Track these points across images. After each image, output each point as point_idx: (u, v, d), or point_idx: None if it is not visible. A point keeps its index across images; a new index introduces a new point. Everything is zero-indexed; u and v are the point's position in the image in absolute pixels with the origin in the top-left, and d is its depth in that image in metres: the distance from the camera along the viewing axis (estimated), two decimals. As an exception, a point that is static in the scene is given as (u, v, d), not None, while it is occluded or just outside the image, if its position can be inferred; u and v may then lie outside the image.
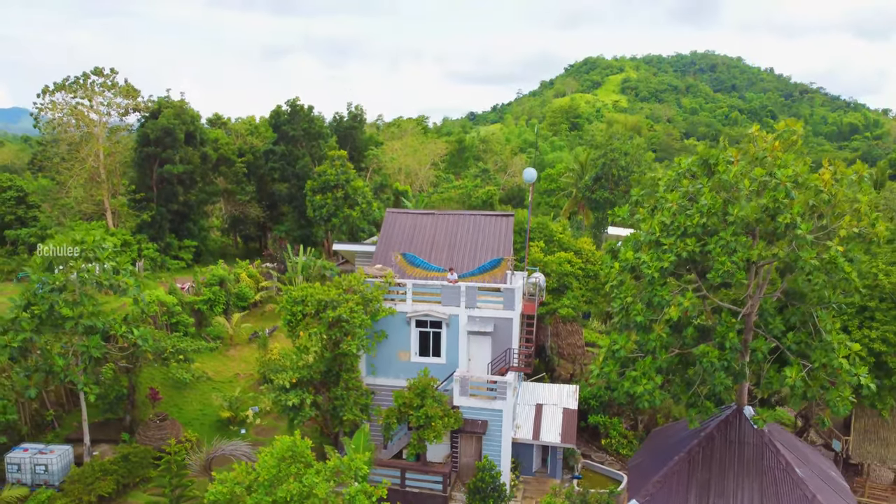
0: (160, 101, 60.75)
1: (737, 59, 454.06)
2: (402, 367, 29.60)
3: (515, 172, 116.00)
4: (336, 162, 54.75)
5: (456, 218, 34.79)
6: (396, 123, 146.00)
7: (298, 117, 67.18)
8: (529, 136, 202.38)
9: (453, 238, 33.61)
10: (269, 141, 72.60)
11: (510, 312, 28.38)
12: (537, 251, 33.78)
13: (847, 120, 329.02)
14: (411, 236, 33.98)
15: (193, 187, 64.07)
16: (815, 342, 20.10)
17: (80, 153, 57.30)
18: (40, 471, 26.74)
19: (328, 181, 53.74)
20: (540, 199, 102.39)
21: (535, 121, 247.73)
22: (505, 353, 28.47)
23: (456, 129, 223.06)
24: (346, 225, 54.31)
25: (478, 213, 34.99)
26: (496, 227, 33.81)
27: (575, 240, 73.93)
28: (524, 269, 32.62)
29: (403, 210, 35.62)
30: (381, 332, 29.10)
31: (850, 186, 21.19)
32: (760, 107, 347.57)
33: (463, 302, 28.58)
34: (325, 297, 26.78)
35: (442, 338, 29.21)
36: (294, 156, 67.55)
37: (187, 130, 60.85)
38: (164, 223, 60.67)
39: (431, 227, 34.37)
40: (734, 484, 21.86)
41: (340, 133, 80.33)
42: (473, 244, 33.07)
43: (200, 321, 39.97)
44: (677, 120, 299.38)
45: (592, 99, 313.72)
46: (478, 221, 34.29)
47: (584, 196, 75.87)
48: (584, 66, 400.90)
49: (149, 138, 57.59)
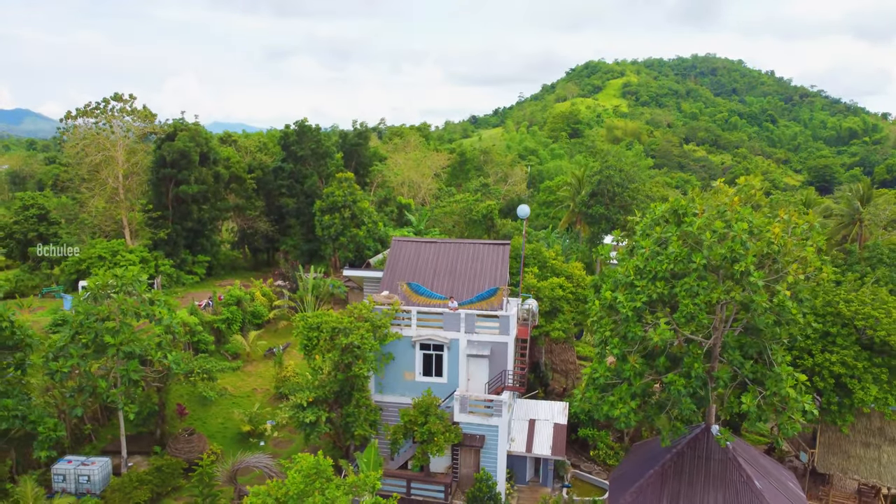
0: (175, 124, 63.91)
1: (737, 63, 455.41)
2: (407, 386, 32.63)
3: (516, 182, 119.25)
4: (343, 184, 57.84)
5: (456, 247, 37.80)
6: (399, 132, 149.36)
7: (306, 137, 70.32)
8: (530, 142, 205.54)
9: (453, 266, 36.61)
10: (278, 158, 75.79)
11: (505, 337, 31.39)
12: (531, 277, 36.80)
13: (846, 124, 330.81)
14: (415, 264, 37.00)
15: (206, 205, 67.20)
16: (769, 372, 23.10)
17: (101, 175, 60.45)
18: (83, 481, 29.79)
19: (336, 202, 56.83)
20: (539, 211, 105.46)
21: (536, 127, 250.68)
22: (501, 374, 31.49)
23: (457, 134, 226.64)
24: (353, 243, 57.39)
25: (476, 242, 38.00)
26: (493, 255, 36.81)
27: (569, 259, 77.24)
28: (519, 294, 35.67)
29: (408, 238, 38.69)
30: (389, 354, 32.13)
31: (803, 234, 24.13)
32: (760, 111, 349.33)
33: (463, 327, 31.58)
34: (338, 325, 29.82)
35: (444, 359, 32.22)
36: (302, 174, 70.69)
37: (201, 152, 63.99)
38: (179, 240, 63.80)
39: (434, 256, 37.38)
40: (701, 495, 24.86)
41: (346, 149, 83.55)
42: (472, 272, 36.07)
43: (220, 339, 43.04)
44: (677, 125, 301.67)
45: (593, 104, 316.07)
46: (477, 250, 37.29)
47: (581, 211, 78.86)
48: (585, 70, 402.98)
49: (165, 160, 60.73)
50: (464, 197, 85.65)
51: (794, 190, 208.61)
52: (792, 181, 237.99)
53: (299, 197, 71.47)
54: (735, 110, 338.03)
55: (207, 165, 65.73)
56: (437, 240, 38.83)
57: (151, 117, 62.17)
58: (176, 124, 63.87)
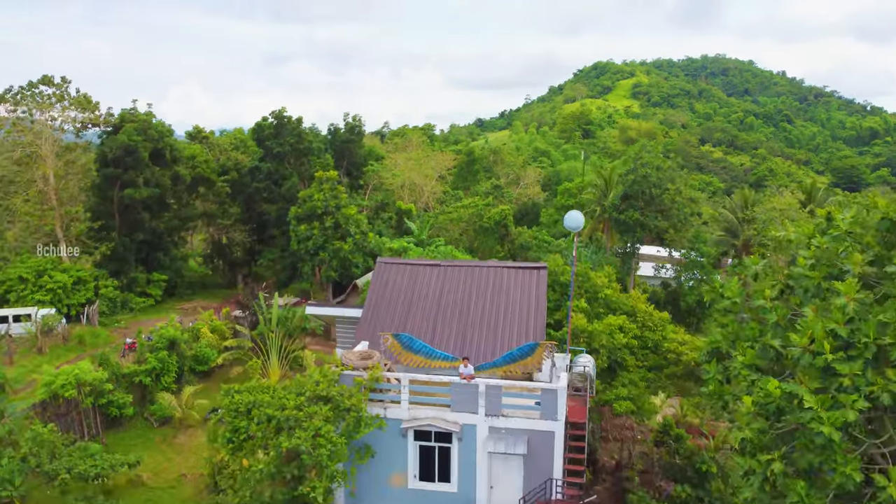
0: (122, 115, 52.48)
1: (748, 63, 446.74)
2: (395, 497, 20.86)
3: (529, 184, 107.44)
4: (325, 185, 46.20)
5: (469, 272, 26.04)
6: (401, 133, 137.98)
7: (285, 131, 58.79)
8: (540, 143, 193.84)
9: (466, 301, 24.87)
10: (257, 157, 64.38)
11: (551, 424, 19.60)
12: (581, 318, 25.00)
13: (866, 124, 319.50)
14: (409, 299, 25.27)
15: (164, 212, 55.74)
16: None
17: (26, 175, 49.08)
18: None
19: (315, 208, 45.20)
20: (557, 217, 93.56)
21: (546, 128, 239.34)
22: (545, 484, 19.65)
23: (463, 137, 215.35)
24: (337, 259, 45.73)
25: (498, 265, 26.26)
26: (524, 285, 25.08)
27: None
28: (566, 347, 23.84)
29: (398, 261, 26.95)
30: (367, 448, 20.36)
31: None
32: (775, 111, 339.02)
33: (482, 407, 19.84)
34: (277, 413, 18.08)
35: (452, 456, 20.47)
36: (281, 175, 59.16)
37: (154, 148, 52.53)
38: (127, 255, 52.31)
39: (436, 286, 25.65)
40: None
41: (336, 147, 72.04)
42: (494, 312, 24.33)
43: (144, 396, 31.41)
44: (691, 125, 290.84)
45: (603, 104, 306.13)
46: (499, 277, 25.55)
47: (611, 216, 67.00)
48: (594, 71, 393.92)
49: (107, 158, 49.30)
50: (473, 201, 73.97)
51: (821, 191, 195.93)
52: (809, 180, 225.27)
53: (278, 202, 59.99)
54: (750, 110, 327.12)
55: (163, 164, 54.24)
56: (440, 262, 27.05)
57: (91, 106, 50.74)
58: (123, 115, 52.42)
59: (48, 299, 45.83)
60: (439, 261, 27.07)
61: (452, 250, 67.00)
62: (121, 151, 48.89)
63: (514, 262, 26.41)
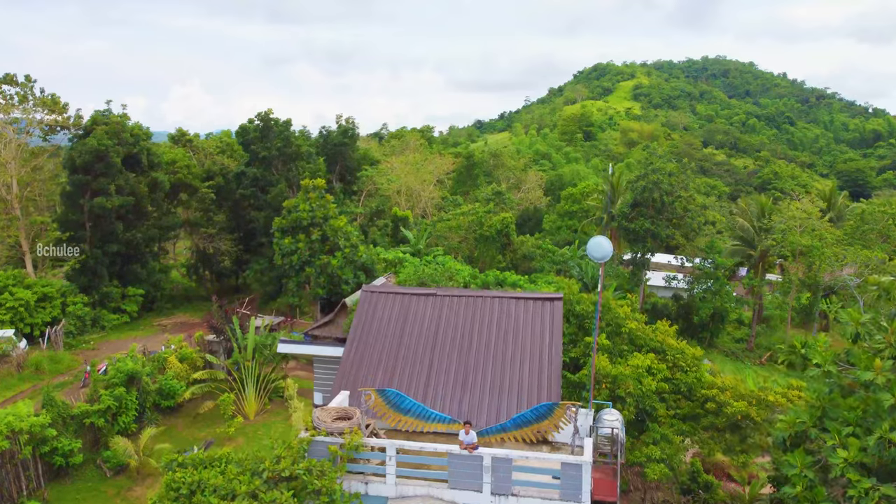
0: (94, 117, 48.46)
1: (748, 65, 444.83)
2: (379, 591, 16.85)
3: (530, 188, 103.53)
4: (311, 194, 42.21)
5: (471, 302, 22.06)
6: (399, 135, 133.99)
7: (272, 134, 54.79)
8: (541, 146, 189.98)
9: (467, 339, 20.91)
10: (244, 161, 60.42)
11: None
12: (603, 359, 20.99)
13: (870, 126, 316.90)
14: (399, 336, 21.32)
15: (141, 222, 51.76)
16: None
17: (-13, 184, 45.14)
18: None
19: (300, 219, 41.20)
20: (560, 223, 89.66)
21: (547, 129, 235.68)
22: (565, 584, 15.65)
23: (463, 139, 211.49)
24: (324, 276, 41.73)
25: (506, 294, 22.27)
26: (536, 319, 21.13)
27: (606, 287, 61.31)
28: (588, 398, 19.83)
29: (386, 288, 22.99)
30: (342, 531, 16.33)
31: None
32: (777, 113, 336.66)
33: (487, 484, 15.86)
34: (226, 490, 14.08)
35: (450, 543, 16.46)
36: (267, 181, 55.18)
37: (129, 152, 48.57)
38: (99, 268, 48.30)
39: (432, 319, 21.69)
40: None
41: (329, 151, 68.09)
42: (501, 352, 20.40)
43: (97, 440, 27.38)
44: (693, 127, 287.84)
45: (604, 106, 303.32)
46: (506, 309, 21.60)
47: (619, 225, 63.03)
48: (594, 73, 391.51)
49: (75, 164, 45.30)
50: (473, 208, 70.02)
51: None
52: (820, 186, 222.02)
53: (266, 210, 56.03)
54: (751, 112, 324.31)
55: (139, 170, 50.28)
56: (436, 290, 23.06)
57: (59, 107, 46.77)
58: (95, 117, 48.40)
59: (8, 319, 41.86)
60: (435, 288, 23.04)
61: (451, 260, 63.08)
62: (90, 157, 44.89)
63: (525, 293, 22.40)
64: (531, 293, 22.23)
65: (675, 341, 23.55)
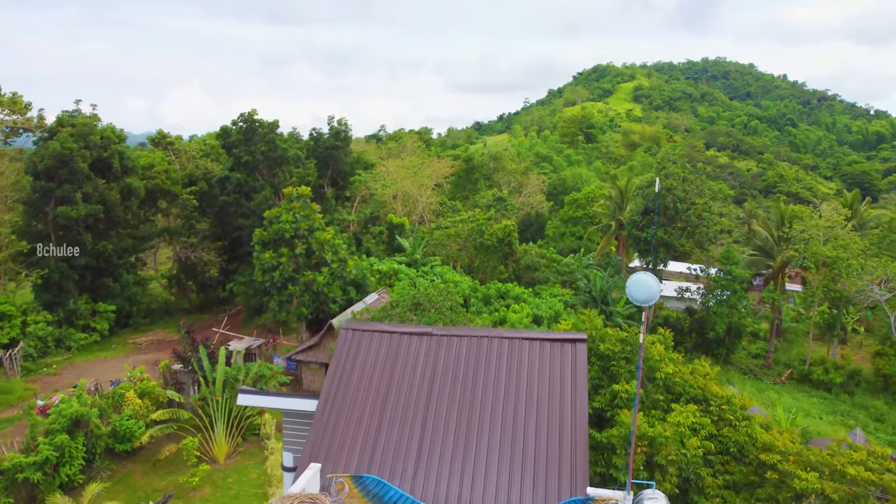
0: (60, 118, 44.39)
1: (749, 66, 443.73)
2: None
3: (532, 192, 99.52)
4: (295, 203, 38.13)
5: (475, 344, 18.02)
6: (396, 137, 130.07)
7: (256, 137, 50.72)
8: (541, 148, 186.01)
9: (470, 394, 16.85)
10: (228, 165, 56.38)
11: None
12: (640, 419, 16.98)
13: (873, 128, 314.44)
14: (385, 387, 17.24)
15: (113, 231, 47.69)
16: None
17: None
18: None
19: (282, 231, 37.11)
20: (564, 230, 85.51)
21: (547, 131, 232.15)
22: None
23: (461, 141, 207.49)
24: (309, 293, 37.64)
25: (518, 334, 18.19)
26: (555, 364, 17.06)
27: (617, 302, 57.20)
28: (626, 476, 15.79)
29: (370, 326, 18.89)
30: None
31: None
32: (779, 115, 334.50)
33: None
34: None
35: None
36: (251, 187, 51.13)
37: (98, 157, 44.49)
38: (66, 283, 44.20)
39: (427, 366, 17.63)
40: None
41: (319, 154, 64.03)
42: (513, 408, 16.32)
43: (33, 497, 23.28)
44: (695, 129, 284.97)
45: (605, 108, 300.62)
46: (518, 351, 17.54)
47: (629, 233, 59.03)
48: (594, 74, 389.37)
49: (37, 169, 41.22)
50: (473, 215, 66.04)
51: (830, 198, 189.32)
52: (825, 189, 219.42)
53: (251, 217, 52.01)
54: (753, 114, 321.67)
55: (110, 176, 46.22)
56: (432, 328, 18.98)
57: (21, 108, 42.73)
58: (61, 118, 44.33)
59: (-41, 341, 37.86)
60: (430, 327, 18.95)
61: (449, 271, 59.11)
62: (53, 161, 40.83)
63: (540, 333, 18.29)
64: (547, 333, 18.14)
65: (718, 387, 19.50)
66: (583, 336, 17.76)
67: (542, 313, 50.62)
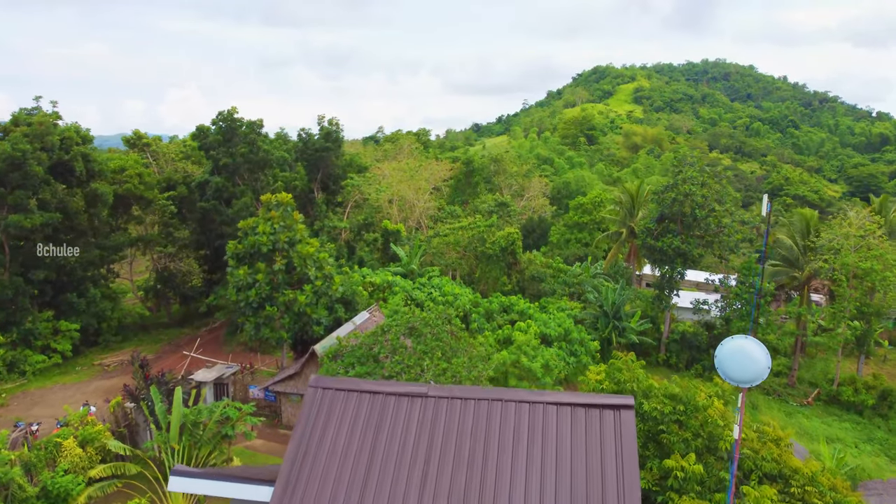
0: (16, 117, 39.85)
1: (749, 68, 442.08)
2: None
3: (534, 196, 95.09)
4: (273, 212, 33.58)
5: (484, 410, 13.59)
6: (393, 138, 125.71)
7: (236, 137, 46.20)
8: (542, 150, 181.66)
9: (479, 478, 12.40)
10: (208, 169, 51.89)
11: None
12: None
13: (876, 130, 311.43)
14: (364, 471, 12.77)
15: (78, 242, 43.15)
16: None
17: None
18: None
19: (258, 244, 32.57)
20: (569, 236, 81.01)
21: (548, 133, 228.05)
22: None
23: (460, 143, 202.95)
24: (290, 315, 33.12)
25: (538, 397, 13.78)
26: (592, 443, 12.60)
27: (631, 316, 52.68)
28: None
29: (345, 383, 14.38)
30: None
31: None
32: (781, 116, 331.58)
33: None
34: None
35: None
36: (231, 192, 46.62)
37: (59, 160, 39.96)
38: (21, 300, 39.64)
39: (420, 438, 13.18)
40: None
41: (308, 157, 59.50)
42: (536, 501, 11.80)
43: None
44: (697, 131, 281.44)
45: (605, 109, 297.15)
46: (541, 422, 13.10)
47: (644, 242, 54.56)
48: (594, 75, 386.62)
49: (-14, 174, 36.69)
50: (473, 221, 61.54)
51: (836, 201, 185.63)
52: (830, 191, 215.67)
53: (234, 225, 47.52)
54: (755, 116, 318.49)
55: (73, 181, 41.70)
56: (427, 387, 14.51)
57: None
58: (17, 116, 39.79)
59: None
60: (425, 386, 14.47)
61: (448, 283, 54.64)
62: (3, 165, 36.28)
63: (571, 395, 13.84)
64: (580, 396, 13.68)
65: (797, 460, 14.97)
66: (629, 401, 13.27)
67: (551, 331, 46.16)
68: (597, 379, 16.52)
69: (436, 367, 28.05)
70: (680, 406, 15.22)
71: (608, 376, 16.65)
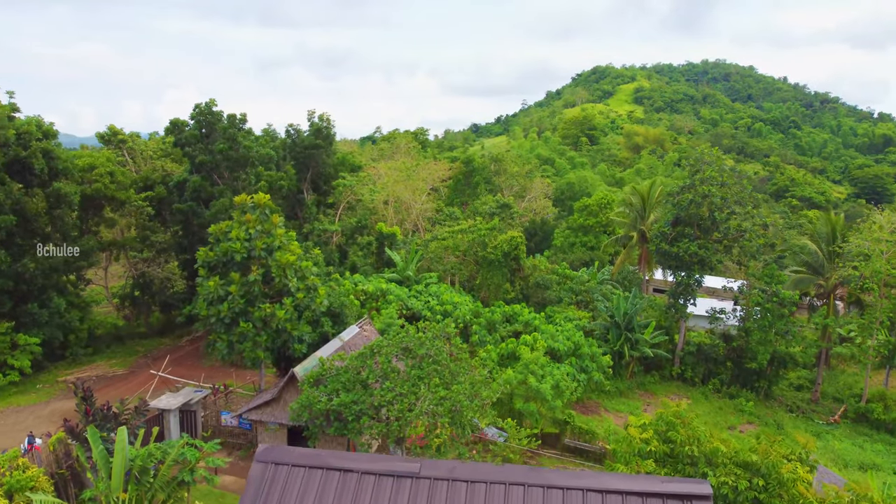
0: (-32, 108, 35.86)
1: (749, 68, 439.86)
2: None
3: (536, 197, 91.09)
4: (249, 216, 29.58)
5: (503, 496, 9.40)
6: (390, 137, 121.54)
7: (215, 133, 42.22)
8: (543, 150, 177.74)
9: None
10: (188, 167, 47.94)
11: None
12: None
13: (879, 131, 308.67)
14: None
15: (54, 244, 39.14)
16: None
17: None
18: None
19: (232, 252, 28.58)
20: (574, 239, 77.08)
21: (548, 133, 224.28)
22: None
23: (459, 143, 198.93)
24: (267, 332, 29.12)
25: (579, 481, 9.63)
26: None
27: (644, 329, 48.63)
28: None
29: (303, 456, 10.20)
30: None
31: None
32: (783, 117, 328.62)
33: None
34: None
35: None
36: (209, 193, 42.66)
37: (15, 156, 35.98)
38: (-26, 313, 35.64)
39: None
40: None
41: (297, 155, 55.52)
42: None
43: None
44: (698, 131, 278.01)
45: (605, 109, 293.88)
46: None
47: (657, 248, 50.65)
48: (593, 76, 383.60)
49: (-71, 172, 32.68)
50: (474, 224, 57.54)
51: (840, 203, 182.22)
52: (835, 193, 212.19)
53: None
54: (756, 116, 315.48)
55: (33, 181, 37.70)
56: (416, 464, 10.34)
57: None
58: (-31, 108, 35.82)
59: None
60: (417, 462, 10.40)
61: (447, 290, 50.70)
62: (-52, 162, 32.29)
63: (621, 479, 9.79)
64: (632, 480, 9.70)
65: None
66: (704, 490, 9.22)
67: (560, 346, 42.24)
68: (642, 437, 12.56)
69: (433, 394, 24.14)
70: (758, 480, 11.25)
71: (656, 432, 12.70)
